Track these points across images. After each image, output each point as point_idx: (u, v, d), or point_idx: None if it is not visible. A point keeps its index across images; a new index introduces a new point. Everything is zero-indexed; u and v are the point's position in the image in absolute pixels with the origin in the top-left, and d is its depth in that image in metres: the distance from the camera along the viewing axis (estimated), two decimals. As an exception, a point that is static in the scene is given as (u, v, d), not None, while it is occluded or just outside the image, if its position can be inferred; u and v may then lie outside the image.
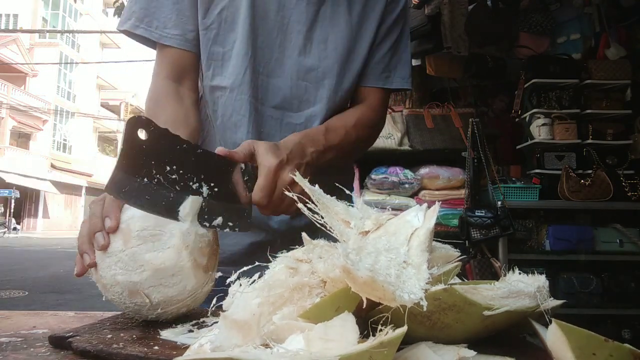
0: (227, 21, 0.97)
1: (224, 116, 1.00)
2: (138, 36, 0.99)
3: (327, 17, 1.00)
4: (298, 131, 0.98)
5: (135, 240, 0.63)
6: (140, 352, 0.52)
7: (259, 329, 0.46)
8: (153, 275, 0.63)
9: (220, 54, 0.99)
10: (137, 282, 0.63)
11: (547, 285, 0.51)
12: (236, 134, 0.99)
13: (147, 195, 0.64)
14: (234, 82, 0.98)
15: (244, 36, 0.96)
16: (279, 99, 1.00)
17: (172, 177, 0.66)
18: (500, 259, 3.03)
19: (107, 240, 0.64)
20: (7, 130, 24.01)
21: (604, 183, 3.07)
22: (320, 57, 1.00)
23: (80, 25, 29.41)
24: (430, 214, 0.59)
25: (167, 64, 0.99)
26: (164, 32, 0.97)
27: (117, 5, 6.15)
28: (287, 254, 0.55)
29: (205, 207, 0.68)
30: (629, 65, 3.24)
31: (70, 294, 6.92)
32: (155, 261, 0.63)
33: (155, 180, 0.65)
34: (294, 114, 1.01)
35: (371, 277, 0.41)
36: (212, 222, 0.68)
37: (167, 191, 0.65)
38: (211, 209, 0.68)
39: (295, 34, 0.99)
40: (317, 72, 1.01)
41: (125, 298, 0.64)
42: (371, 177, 3.22)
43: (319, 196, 0.61)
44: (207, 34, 0.98)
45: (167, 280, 0.63)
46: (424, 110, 3.57)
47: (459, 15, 3.49)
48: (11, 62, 24.74)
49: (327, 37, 1.01)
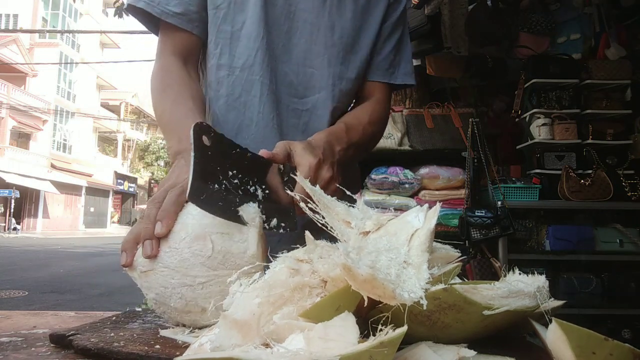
0: (236, 2, 0.99)
1: (230, 96, 1.00)
2: (140, 13, 0.99)
3: (334, 5, 1.02)
4: (303, 116, 1.02)
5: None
6: (141, 351, 0.52)
7: (259, 328, 0.46)
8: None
9: (229, 33, 0.99)
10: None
11: (547, 285, 0.51)
12: (244, 114, 0.99)
13: (219, 201, 0.64)
14: (245, 62, 0.98)
15: (254, 18, 0.97)
16: (286, 84, 1.01)
17: (234, 182, 0.67)
18: (500, 259, 3.03)
19: (155, 251, 0.62)
20: (7, 130, 24.00)
21: (604, 183, 3.07)
22: (326, 45, 1.02)
23: (80, 25, 29.40)
24: (431, 214, 0.59)
25: (172, 44, 1.00)
26: (166, 8, 0.96)
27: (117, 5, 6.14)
28: (288, 254, 0.55)
29: (263, 210, 0.68)
30: (629, 65, 3.23)
31: (70, 294, 6.92)
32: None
33: (223, 186, 0.65)
34: (299, 100, 1.02)
35: (371, 274, 0.41)
36: (270, 223, 0.69)
37: (233, 196, 0.66)
38: (267, 212, 0.69)
39: (302, 21, 1.00)
40: (322, 59, 1.02)
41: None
42: (371, 177, 3.22)
43: (320, 196, 0.61)
44: (217, 13, 0.99)
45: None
46: (424, 110, 3.57)
47: (459, 15, 3.49)
48: (11, 62, 24.73)
49: (334, 25, 1.02)
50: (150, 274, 0.62)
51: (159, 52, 1.01)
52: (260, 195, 0.70)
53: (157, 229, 0.63)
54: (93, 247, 16.55)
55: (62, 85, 28.50)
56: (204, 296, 0.61)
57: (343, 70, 1.04)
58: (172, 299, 0.61)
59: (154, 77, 0.98)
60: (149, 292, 0.64)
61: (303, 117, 1.02)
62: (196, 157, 0.62)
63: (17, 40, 24.98)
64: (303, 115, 1.02)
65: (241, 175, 0.68)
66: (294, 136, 1.01)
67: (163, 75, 0.97)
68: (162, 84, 0.95)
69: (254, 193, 0.69)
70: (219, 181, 0.65)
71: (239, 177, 0.68)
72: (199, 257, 0.61)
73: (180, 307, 0.61)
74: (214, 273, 0.62)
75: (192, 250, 0.62)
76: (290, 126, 1.02)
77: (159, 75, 0.97)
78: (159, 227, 0.63)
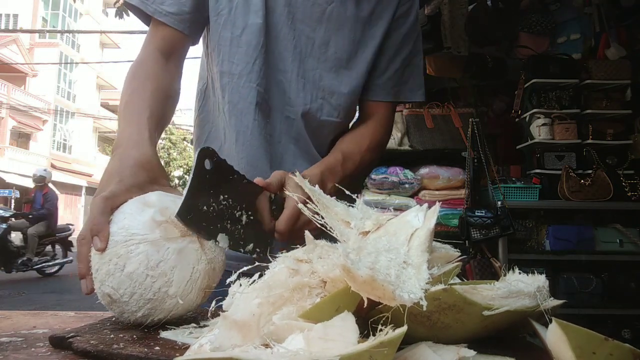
0: (237, 7, 0.99)
1: (231, 103, 1.02)
2: (135, 8, 1.00)
3: (333, 20, 1.01)
4: (296, 126, 1.02)
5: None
6: (141, 353, 0.52)
7: (259, 329, 0.46)
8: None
9: (228, 40, 1.00)
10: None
11: (547, 285, 0.51)
12: (242, 122, 1.01)
13: (204, 222, 0.68)
14: (243, 69, 0.99)
15: (255, 27, 0.98)
16: (280, 92, 1.02)
17: (222, 205, 0.71)
18: (500, 259, 3.03)
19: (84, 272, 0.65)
20: (7, 130, 23.99)
21: (604, 183, 3.07)
22: (319, 59, 1.02)
23: (80, 25, 29.39)
24: (430, 214, 0.59)
25: (159, 39, 1.00)
26: (160, 7, 0.98)
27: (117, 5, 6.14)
28: (287, 254, 0.55)
29: (242, 234, 0.74)
30: (629, 65, 3.23)
31: (70, 294, 6.92)
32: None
33: (212, 208, 0.69)
34: (292, 109, 1.03)
35: (371, 275, 0.41)
36: (245, 247, 0.74)
37: (217, 219, 0.70)
38: (246, 236, 0.74)
39: (299, 32, 1.00)
40: (314, 72, 1.02)
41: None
42: (371, 177, 3.22)
43: (319, 196, 0.61)
44: (218, 19, 1.00)
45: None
46: (424, 110, 3.57)
47: (459, 15, 3.50)
48: (11, 62, 24.72)
49: (329, 41, 1.02)
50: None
51: (144, 45, 1.01)
52: (244, 221, 0.75)
53: (97, 246, 0.63)
54: (93, 247, 16.50)
55: (62, 85, 28.49)
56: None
57: (335, 85, 1.03)
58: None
59: (130, 69, 0.99)
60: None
61: (295, 125, 1.03)
62: (194, 178, 0.68)
63: (17, 40, 24.97)
64: (295, 123, 1.03)
65: (231, 200, 0.73)
66: (286, 143, 1.03)
67: (137, 67, 0.97)
68: (132, 75, 0.96)
69: (239, 218, 0.74)
70: (208, 203, 0.69)
71: (228, 201, 0.72)
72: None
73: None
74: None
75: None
76: (284, 133, 1.03)
77: (133, 67, 0.98)
78: (97, 243, 0.63)
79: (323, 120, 1.04)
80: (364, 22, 1.03)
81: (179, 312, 0.64)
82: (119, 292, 0.61)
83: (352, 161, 1.01)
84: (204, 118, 1.12)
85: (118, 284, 0.61)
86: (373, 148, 1.07)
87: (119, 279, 0.61)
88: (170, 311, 0.63)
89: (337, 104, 1.04)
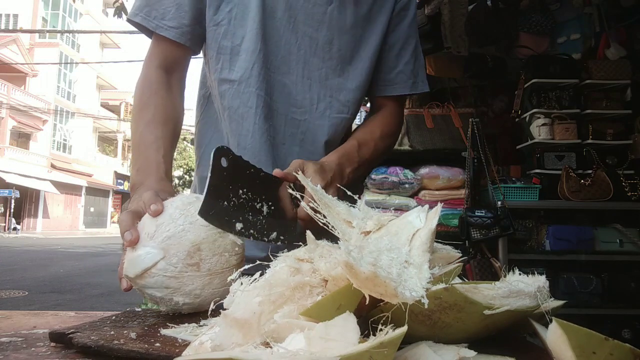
0: (236, 18, 1.01)
1: (231, 108, 1.03)
2: (138, 25, 1.03)
3: (334, 19, 1.03)
4: (302, 126, 1.04)
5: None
6: (141, 349, 0.52)
7: (260, 327, 0.46)
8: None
9: (228, 49, 1.02)
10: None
11: (547, 285, 0.51)
12: (242, 126, 1.02)
13: (226, 216, 0.71)
14: (242, 75, 1.01)
15: (252, 33, 1.00)
16: (285, 95, 1.03)
17: (242, 199, 0.75)
18: (500, 259, 3.02)
19: (135, 236, 0.67)
20: (7, 130, 24.00)
21: (604, 183, 3.07)
22: (324, 58, 1.04)
23: (80, 25, 29.39)
24: (432, 215, 0.59)
25: (160, 53, 1.04)
26: (161, 22, 1.01)
27: (117, 5, 6.14)
28: (289, 253, 0.55)
29: (265, 224, 0.77)
30: (629, 65, 3.23)
31: (70, 294, 6.92)
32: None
33: (232, 203, 0.73)
34: (297, 110, 1.04)
35: (373, 272, 0.41)
36: (269, 237, 0.77)
37: (239, 212, 0.74)
38: (269, 226, 0.78)
39: (301, 34, 1.02)
40: (320, 72, 1.04)
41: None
42: (371, 177, 3.21)
43: (321, 196, 0.61)
44: (217, 29, 1.02)
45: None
46: (424, 110, 3.56)
47: (459, 15, 3.49)
48: (11, 62, 24.73)
49: (332, 39, 1.04)
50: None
51: (147, 61, 1.04)
52: (265, 211, 0.78)
53: (152, 209, 0.68)
54: (93, 247, 16.55)
55: (62, 85, 28.49)
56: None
57: (341, 81, 1.06)
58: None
59: (137, 89, 1.02)
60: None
61: (301, 126, 1.04)
62: (212, 177, 0.71)
63: (17, 40, 24.98)
64: (301, 124, 1.04)
65: (250, 193, 0.76)
66: (291, 146, 1.04)
67: (144, 89, 1.01)
68: (140, 101, 1.00)
69: (259, 209, 0.77)
70: (228, 199, 0.73)
71: (248, 194, 0.76)
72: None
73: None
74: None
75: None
76: (288, 136, 1.04)
77: (140, 87, 1.01)
78: (153, 208, 0.68)
79: (333, 118, 1.06)
80: (364, 19, 1.06)
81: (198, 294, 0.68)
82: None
83: (367, 147, 1.04)
84: (205, 123, 1.14)
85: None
86: (385, 136, 1.11)
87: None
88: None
89: (345, 100, 1.07)
